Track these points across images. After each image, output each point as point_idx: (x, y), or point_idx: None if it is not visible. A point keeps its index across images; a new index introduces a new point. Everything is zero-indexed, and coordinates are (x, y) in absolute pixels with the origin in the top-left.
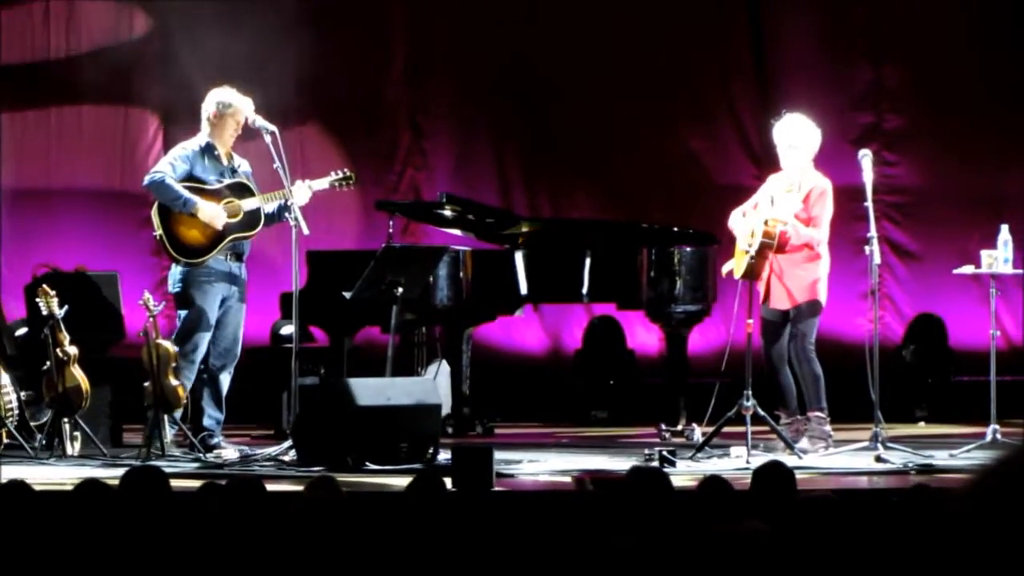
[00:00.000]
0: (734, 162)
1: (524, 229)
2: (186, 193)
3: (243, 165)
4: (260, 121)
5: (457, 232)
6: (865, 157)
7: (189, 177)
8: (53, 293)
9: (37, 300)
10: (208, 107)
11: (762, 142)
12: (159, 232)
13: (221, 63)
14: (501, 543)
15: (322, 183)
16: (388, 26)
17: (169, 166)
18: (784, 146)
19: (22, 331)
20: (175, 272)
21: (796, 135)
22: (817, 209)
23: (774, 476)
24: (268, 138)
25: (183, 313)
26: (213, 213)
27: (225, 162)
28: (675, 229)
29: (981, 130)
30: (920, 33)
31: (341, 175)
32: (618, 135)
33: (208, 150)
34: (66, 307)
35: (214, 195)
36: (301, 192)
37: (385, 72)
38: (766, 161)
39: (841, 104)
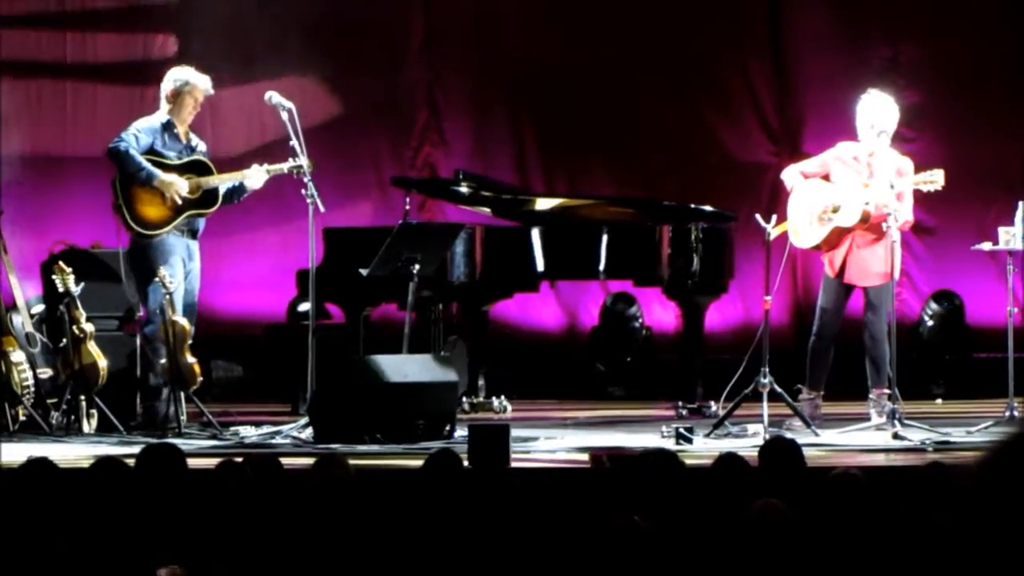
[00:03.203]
0: (751, 139)
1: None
2: (148, 165)
3: (200, 145)
4: (277, 98)
5: (473, 209)
6: (883, 133)
7: (149, 151)
8: (69, 270)
9: (53, 277)
10: (166, 85)
11: (779, 119)
12: (119, 202)
13: (238, 43)
14: (517, 520)
15: (279, 168)
16: (406, 2)
17: (133, 137)
18: (876, 129)
19: (39, 308)
20: (132, 248)
21: (889, 121)
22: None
23: (780, 452)
24: (284, 115)
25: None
26: (174, 180)
27: (183, 141)
28: (692, 206)
29: (998, 106)
30: (937, 9)
31: (297, 162)
32: (635, 113)
33: (167, 127)
34: (82, 284)
35: (174, 171)
36: (257, 176)
37: (402, 49)
38: (783, 138)
39: (858, 80)
